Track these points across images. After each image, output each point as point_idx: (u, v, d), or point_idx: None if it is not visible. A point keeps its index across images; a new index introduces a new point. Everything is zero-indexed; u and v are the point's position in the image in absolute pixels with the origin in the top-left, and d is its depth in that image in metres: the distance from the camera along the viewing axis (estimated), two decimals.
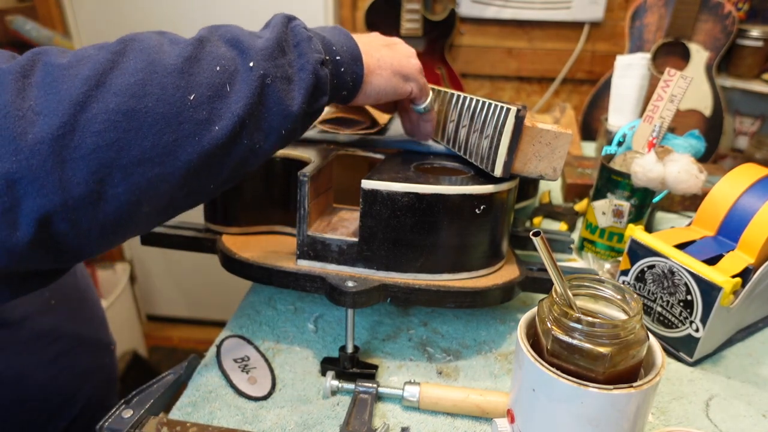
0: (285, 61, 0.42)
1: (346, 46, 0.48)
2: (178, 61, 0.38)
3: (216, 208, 0.61)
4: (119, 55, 0.37)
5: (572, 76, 1.81)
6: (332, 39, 0.47)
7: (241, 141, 0.41)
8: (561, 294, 0.38)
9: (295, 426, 0.49)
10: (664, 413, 0.51)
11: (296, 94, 0.43)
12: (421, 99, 0.57)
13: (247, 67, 0.40)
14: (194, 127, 0.38)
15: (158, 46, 0.38)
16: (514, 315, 0.65)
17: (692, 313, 0.55)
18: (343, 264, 0.54)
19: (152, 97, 0.36)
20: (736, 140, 1.78)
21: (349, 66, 0.48)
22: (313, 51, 0.44)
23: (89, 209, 0.36)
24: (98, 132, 0.34)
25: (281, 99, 0.42)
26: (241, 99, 0.40)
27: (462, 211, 0.51)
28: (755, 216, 0.57)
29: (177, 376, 0.50)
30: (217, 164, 0.41)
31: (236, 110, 0.39)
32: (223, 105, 0.39)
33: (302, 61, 0.43)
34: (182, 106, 0.37)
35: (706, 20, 1.52)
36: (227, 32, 0.42)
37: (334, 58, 0.47)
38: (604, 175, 0.72)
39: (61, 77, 0.35)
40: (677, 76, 0.68)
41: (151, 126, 0.36)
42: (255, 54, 0.41)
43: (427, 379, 0.55)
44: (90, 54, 0.37)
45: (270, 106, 0.41)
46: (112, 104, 0.35)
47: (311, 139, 0.64)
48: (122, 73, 0.36)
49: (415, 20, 1.65)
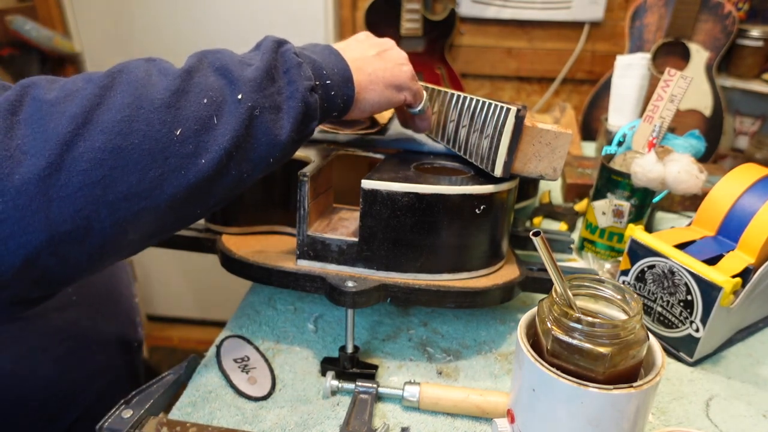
0: (274, 90, 0.42)
1: (336, 68, 0.48)
2: (166, 95, 0.38)
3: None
4: (106, 89, 0.37)
5: (572, 76, 1.81)
6: (323, 62, 0.47)
7: (229, 172, 0.41)
8: (561, 294, 0.38)
9: (295, 426, 0.49)
10: (665, 413, 0.51)
11: (285, 123, 0.43)
12: (416, 104, 0.57)
13: (236, 99, 0.40)
14: (180, 161, 0.38)
15: (146, 79, 0.38)
16: (514, 315, 0.65)
17: (692, 313, 0.55)
18: (343, 264, 0.54)
19: (138, 134, 0.36)
20: (737, 140, 1.78)
21: (339, 88, 0.48)
22: (302, 78, 0.44)
23: (76, 244, 0.36)
24: (85, 170, 0.35)
25: (269, 129, 0.42)
26: (228, 132, 0.40)
27: (462, 211, 0.51)
28: (755, 216, 0.57)
29: (177, 376, 0.50)
30: (205, 194, 0.41)
31: (223, 143, 0.39)
32: (210, 138, 0.39)
33: (291, 89, 0.43)
34: (168, 142, 0.37)
35: (706, 20, 1.52)
36: (217, 60, 0.42)
37: (324, 83, 0.47)
38: (604, 175, 0.72)
39: (48, 114, 0.35)
40: (677, 76, 0.68)
41: (137, 162, 0.36)
42: (243, 85, 0.41)
43: (427, 379, 0.55)
44: (78, 88, 0.37)
45: (258, 137, 0.42)
46: (98, 142, 0.35)
47: (311, 139, 0.64)
48: (109, 109, 0.36)
49: (415, 20, 1.65)
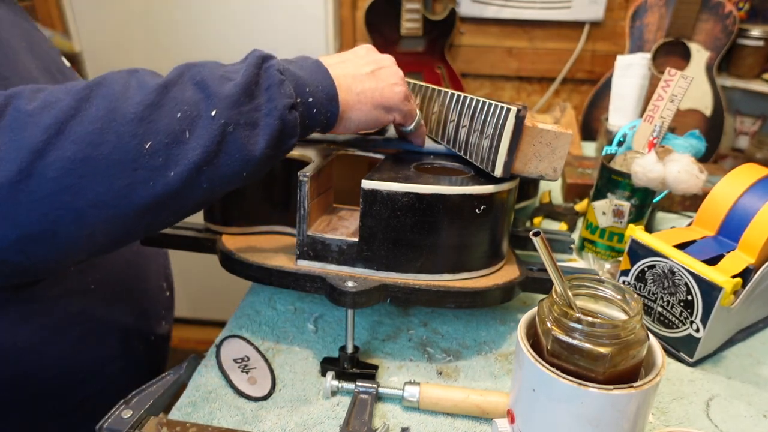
0: (251, 107, 0.43)
1: (321, 86, 0.48)
2: (139, 109, 0.39)
3: (216, 209, 0.61)
4: (83, 101, 0.39)
5: (572, 76, 1.81)
6: (307, 79, 0.47)
7: (200, 185, 0.42)
8: (561, 294, 0.38)
9: (295, 426, 0.49)
10: (665, 413, 0.51)
11: (260, 140, 0.43)
12: (406, 123, 0.57)
13: (209, 114, 0.41)
14: (149, 173, 0.39)
15: (122, 92, 0.40)
16: (514, 315, 0.65)
17: (693, 313, 0.55)
18: (343, 264, 0.54)
19: (108, 145, 0.38)
20: (737, 140, 1.78)
21: (323, 106, 0.48)
22: (282, 96, 0.44)
23: (43, 244, 0.38)
24: (54, 178, 0.37)
25: (243, 146, 0.42)
26: (199, 146, 0.40)
27: (462, 211, 0.51)
28: (756, 216, 0.57)
29: (177, 376, 0.50)
30: (175, 205, 0.42)
31: (193, 157, 0.40)
32: (180, 151, 0.40)
33: (270, 106, 0.44)
34: (137, 154, 0.39)
35: (707, 20, 1.52)
36: (198, 74, 0.43)
37: (306, 100, 0.47)
38: (605, 175, 0.72)
39: (24, 124, 0.37)
40: (678, 75, 0.67)
41: (106, 172, 0.38)
42: (219, 101, 0.41)
43: (427, 379, 0.55)
44: (57, 99, 0.39)
45: (231, 153, 0.42)
46: (68, 152, 0.37)
47: (311, 139, 0.64)
48: (82, 121, 0.38)
49: (415, 20, 1.65)
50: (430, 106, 0.65)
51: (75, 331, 0.60)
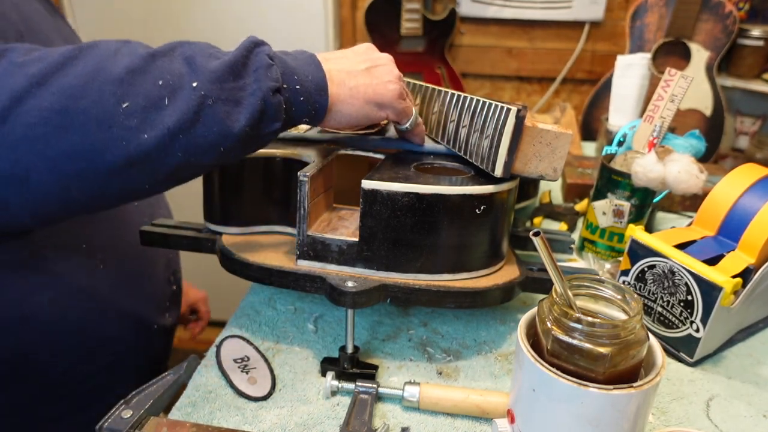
0: (236, 86, 0.44)
1: (312, 76, 0.49)
2: (122, 72, 0.41)
3: (215, 208, 0.61)
4: (71, 59, 0.40)
5: (572, 76, 1.81)
6: (297, 68, 0.48)
7: (174, 152, 0.43)
8: (561, 294, 0.38)
9: (295, 426, 0.49)
10: (665, 413, 0.51)
11: (241, 117, 0.44)
12: (402, 122, 0.57)
13: (191, 86, 0.42)
14: (122, 132, 0.41)
15: (111, 55, 0.42)
16: (514, 315, 0.65)
17: (693, 313, 0.55)
18: (343, 264, 0.54)
19: (87, 100, 0.39)
20: (737, 140, 1.78)
21: (311, 96, 0.49)
22: (268, 78, 0.45)
23: (14, 189, 0.40)
24: (30, 124, 0.38)
25: (221, 120, 0.43)
26: (175, 113, 0.42)
27: (462, 211, 0.51)
28: (756, 216, 0.57)
29: (177, 376, 0.50)
30: (149, 169, 0.43)
31: (168, 123, 0.42)
32: (157, 116, 0.41)
33: (254, 87, 0.45)
34: (114, 112, 0.40)
35: (707, 20, 1.52)
36: (189, 49, 0.44)
37: (293, 87, 0.48)
38: (605, 175, 0.72)
39: (11, 73, 0.39)
40: (678, 75, 0.67)
41: (81, 125, 0.39)
42: (203, 75, 0.43)
43: (427, 379, 0.55)
44: (48, 55, 0.40)
45: (209, 125, 0.43)
46: (47, 102, 0.39)
47: (311, 139, 0.64)
48: (66, 75, 0.40)
49: (415, 20, 1.65)
50: (430, 106, 0.65)
51: (80, 309, 0.61)
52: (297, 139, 0.64)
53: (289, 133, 0.65)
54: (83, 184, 0.42)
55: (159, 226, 0.62)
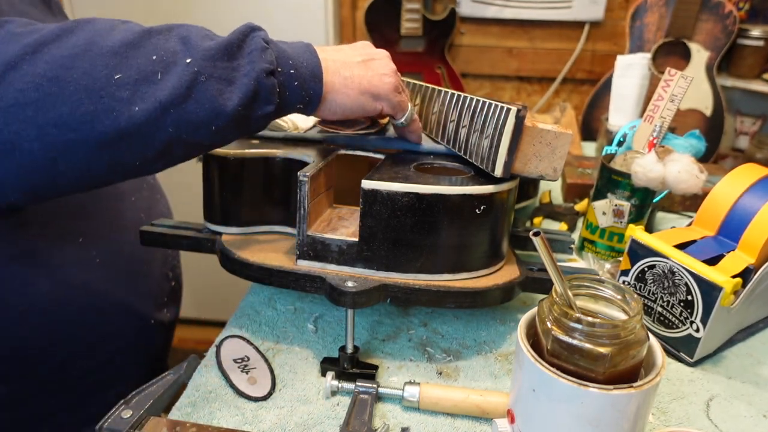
0: (230, 65, 0.45)
1: (306, 62, 0.49)
2: (116, 45, 0.42)
3: (215, 208, 0.61)
4: (67, 32, 0.41)
5: (572, 76, 1.81)
6: (293, 54, 0.49)
7: (165, 127, 0.43)
8: (561, 294, 0.38)
9: (295, 426, 0.49)
10: (665, 413, 0.51)
11: (234, 96, 0.45)
12: (397, 116, 0.57)
13: (184, 62, 0.43)
14: (113, 104, 0.41)
15: (108, 30, 0.42)
16: (514, 315, 0.65)
17: (693, 313, 0.55)
18: (343, 264, 0.54)
19: (79, 70, 0.40)
20: (737, 140, 1.78)
21: (305, 82, 0.49)
22: (262, 60, 0.45)
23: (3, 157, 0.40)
24: (21, 90, 0.39)
25: (214, 98, 0.44)
26: (167, 88, 0.42)
27: (462, 211, 0.51)
28: (756, 216, 0.57)
29: (177, 376, 0.50)
30: (139, 143, 0.43)
31: (160, 96, 0.42)
32: (149, 90, 0.42)
33: (248, 68, 0.45)
34: (105, 83, 0.40)
35: (707, 20, 1.52)
36: (186, 30, 0.45)
37: (288, 71, 0.48)
38: (605, 175, 0.72)
39: (7, 41, 0.40)
40: (678, 75, 0.67)
41: (72, 94, 0.40)
42: (197, 53, 0.43)
43: (427, 379, 0.55)
44: (45, 27, 0.41)
45: (201, 101, 0.43)
46: (39, 69, 0.39)
47: (311, 139, 0.64)
48: (60, 46, 0.40)
49: (415, 20, 1.65)
50: (430, 106, 0.65)
51: (77, 303, 0.61)
52: (297, 139, 0.64)
53: (289, 133, 0.65)
54: (71, 157, 0.42)
55: (159, 226, 0.62)
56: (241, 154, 0.58)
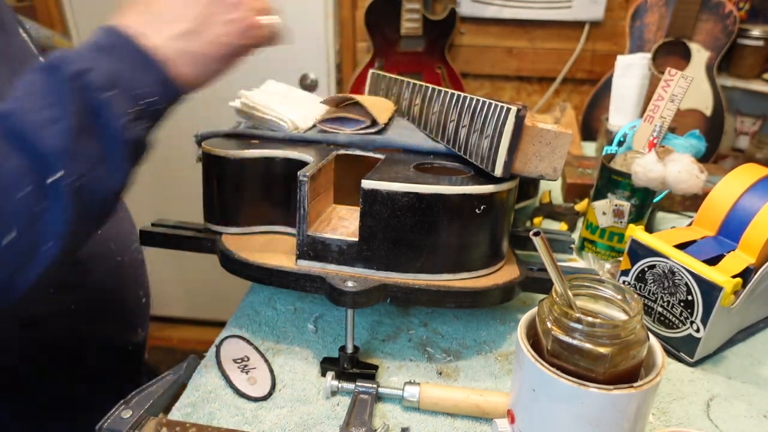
0: (90, 143, 0.38)
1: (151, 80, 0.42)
2: None
3: (215, 209, 0.61)
4: None
5: (572, 76, 1.81)
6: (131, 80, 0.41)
7: (79, 240, 0.41)
8: (561, 294, 0.38)
9: (295, 426, 0.49)
10: (665, 413, 0.51)
11: (115, 172, 0.40)
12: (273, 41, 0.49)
13: (54, 178, 0.36)
14: (19, 259, 0.37)
15: None
16: (514, 315, 0.65)
17: (693, 313, 0.55)
18: (343, 264, 0.54)
19: None
20: (737, 140, 1.78)
21: (163, 97, 0.43)
22: (116, 117, 0.39)
23: None
24: None
25: (103, 187, 0.40)
26: (58, 216, 0.37)
27: (462, 211, 0.51)
28: (756, 216, 0.57)
29: (176, 377, 0.50)
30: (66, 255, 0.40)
31: (58, 227, 0.37)
32: (43, 227, 0.37)
33: (109, 134, 0.39)
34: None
35: (707, 20, 1.52)
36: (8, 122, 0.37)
37: (144, 101, 0.41)
38: (605, 175, 0.72)
39: None
40: (678, 75, 0.67)
41: None
42: (54, 160, 0.36)
43: (427, 379, 0.55)
44: None
45: (93, 202, 0.39)
46: None
47: (311, 139, 0.64)
48: None
49: (415, 20, 1.64)
50: (430, 106, 0.65)
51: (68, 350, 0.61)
52: (297, 139, 0.64)
53: (289, 133, 0.65)
54: None
55: (159, 226, 0.62)
56: (241, 155, 0.58)
